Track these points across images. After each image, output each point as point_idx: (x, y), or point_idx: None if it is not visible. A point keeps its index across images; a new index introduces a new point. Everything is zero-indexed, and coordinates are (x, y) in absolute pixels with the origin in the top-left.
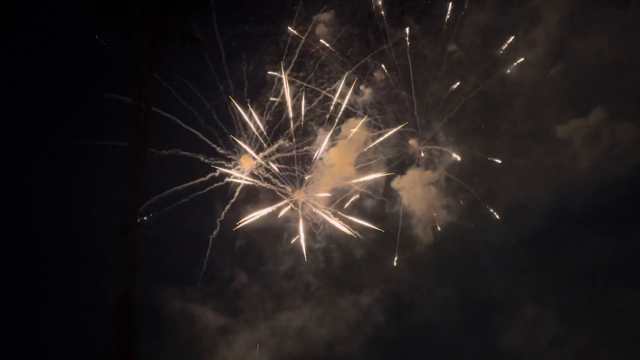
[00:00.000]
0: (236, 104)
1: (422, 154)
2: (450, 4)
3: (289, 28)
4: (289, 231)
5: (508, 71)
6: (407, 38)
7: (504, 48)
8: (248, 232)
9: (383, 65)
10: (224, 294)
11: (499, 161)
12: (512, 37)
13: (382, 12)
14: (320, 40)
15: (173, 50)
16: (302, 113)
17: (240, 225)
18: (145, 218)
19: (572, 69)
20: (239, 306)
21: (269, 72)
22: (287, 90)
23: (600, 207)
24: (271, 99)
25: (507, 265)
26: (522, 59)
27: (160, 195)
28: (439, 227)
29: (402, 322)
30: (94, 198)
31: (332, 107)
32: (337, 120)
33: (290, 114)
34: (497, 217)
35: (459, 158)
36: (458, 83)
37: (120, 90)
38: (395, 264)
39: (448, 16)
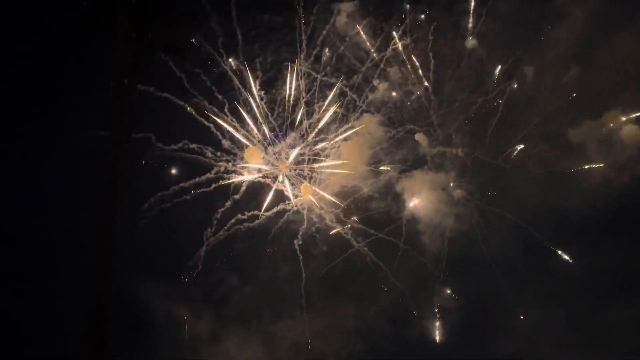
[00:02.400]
0: (248, 96)
1: (433, 156)
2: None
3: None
4: (289, 233)
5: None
6: (430, 34)
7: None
8: (246, 234)
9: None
10: (217, 297)
11: (507, 166)
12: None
13: (407, 6)
14: (339, 32)
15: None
16: (316, 107)
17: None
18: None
19: (592, 70)
20: (232, 312)
21: (286, 63)
22: (302, 83)
23: (611, 213)
24: (286, 92)
25: (511, 273)
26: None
27: (166, 192)
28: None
29: (401, 333)
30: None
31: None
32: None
33: (303, 107)
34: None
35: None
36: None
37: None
38: (395, 271)
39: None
